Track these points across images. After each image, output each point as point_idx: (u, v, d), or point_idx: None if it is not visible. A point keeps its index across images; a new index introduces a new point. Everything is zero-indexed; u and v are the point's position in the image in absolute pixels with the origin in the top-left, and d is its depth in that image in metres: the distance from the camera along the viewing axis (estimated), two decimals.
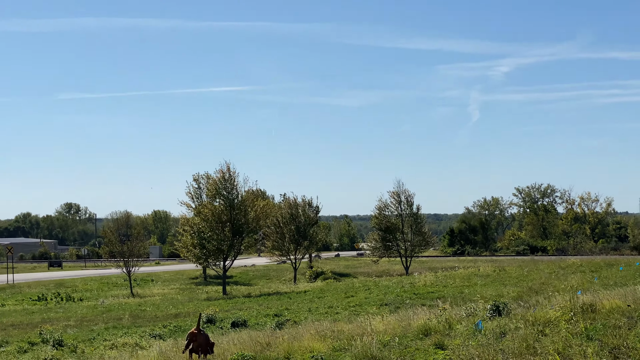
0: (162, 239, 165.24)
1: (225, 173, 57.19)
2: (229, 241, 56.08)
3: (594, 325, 13.41)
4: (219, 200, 57.07)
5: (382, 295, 38.63)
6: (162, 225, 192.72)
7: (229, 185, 56.85)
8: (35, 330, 30.42)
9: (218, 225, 55.74)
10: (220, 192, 56.77)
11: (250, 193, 59.79)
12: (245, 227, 56.87)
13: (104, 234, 73.28)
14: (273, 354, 14.16)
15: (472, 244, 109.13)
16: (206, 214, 56.05)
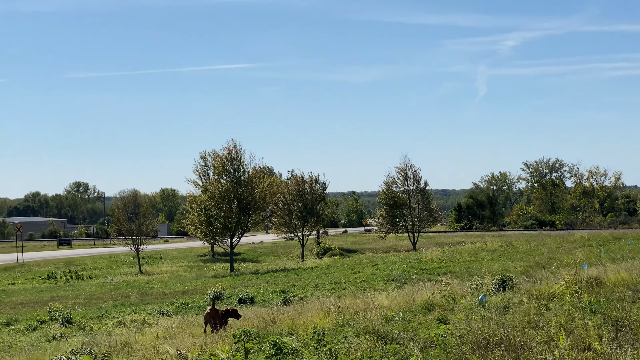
0: (171, 217, 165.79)
1: (232, 150, 57.21)
2: (236, 218, 56.24)
3: (598, 299, 13.39)
4: (226, 178, 57.15)
5: (388, 271, 38.69)
6: (170, 203, 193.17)
7: (235, 163, 56.90)
8: (44, 308, 30.61)
9: (225, 203, 55.86)
10: (226, 169, 56.84)
11: (257, 170, 59.78)
12: (252, 204, 56.98)
13: (112, 213, 73.57)
14: (277, 330, 14.21)
15: (479, 219, 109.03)
16: (213, 191, 56.15)
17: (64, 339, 21.99)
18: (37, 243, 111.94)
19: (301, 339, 12.08)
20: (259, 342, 11.69)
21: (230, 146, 57.37)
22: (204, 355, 10.80)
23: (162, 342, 15.04)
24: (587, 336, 9.47)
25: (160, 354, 12.11)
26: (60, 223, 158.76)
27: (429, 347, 10.38)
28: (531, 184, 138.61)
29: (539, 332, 10.27)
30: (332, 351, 10.43)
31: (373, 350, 10.41)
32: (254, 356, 10.57)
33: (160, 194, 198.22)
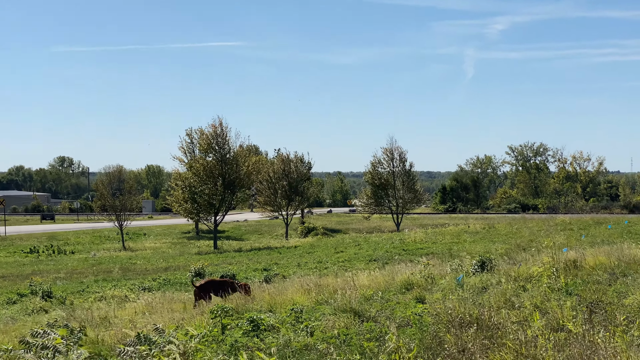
0: (156, 194, 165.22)
1: (217, 128, 57.08)
2: (220, 196, 56.23)
3: (575, 281, 13.49)
4: (211, 155, 57.08)
5: (371, 251, 38.83)
6: (155, 179, 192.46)
7: (221, 140, 56.79)
8: (25, 282, 30.52)
9: (210, 180, 55.84)
10: (212, 146, 56.74)
11: (243, 148, 59.70)
12: (237, 182, 56.98)
13: (96, 188, 73.26)
14: (256, 307, 14.23)
15: (463, 201, 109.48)
16: (198, 168, 56.08)
17: (44, 312, 21.95)
18: (20, 217, 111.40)
19: (279, 316, 12.11)
20: (236, 319, 11.70)
21: (216, 124, 57.28)
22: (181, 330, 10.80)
23: (141, 317, 15.04)
24: (562, 317, 9.55)
25: (137, 328, 12.12)
26: (43, 197, 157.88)
27: (405, 326, 10.43)
28: (515, 167, 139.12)
29: (515, 312, 10.35)
30: (309, 328, 10.46)
31: (349, 328, 10.45)
32: (231, 332, 10.58)
33: (145, 170, 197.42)
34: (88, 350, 10.10)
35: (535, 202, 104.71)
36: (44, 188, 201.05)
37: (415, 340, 8.82)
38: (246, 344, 9.51)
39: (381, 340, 8.97)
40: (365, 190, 77.36)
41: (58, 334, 10.97)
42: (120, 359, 9.09)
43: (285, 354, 8.65)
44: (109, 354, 9.85)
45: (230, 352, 9.12)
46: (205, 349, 8.76)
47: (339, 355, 8.65)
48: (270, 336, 10.10)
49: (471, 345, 8.04)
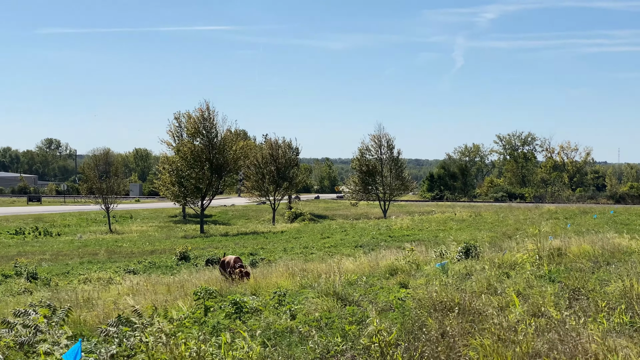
0: (143, 177, 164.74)
1: (205, 112, 56.86)
2: (207, 180, 56.09)
3: (558, 269, 13.55)
4: (199, 139, 56.91)
5: (357, 237, 38.90)
6: (143, 163, 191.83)
7: (208, 124, 56.59)
8: (10, 263, 30.39)
9: (197, 164, 55.70)
10: (199, 130, 56.53)
11: (231, 133, 59.50)
12: (225, 167, 56.87)
13: (83, 171, 73.00)
14: (240, 290, 14.23)
15: (451, 189, 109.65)
16: (185, 152, 55.91)
17: (29, 293, 21.85)
18: (7, 198, 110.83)
19: (262, 299, 12.11)
20: (220, 301, 11.70)
21: (203, 108, 57.04)
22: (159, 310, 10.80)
23: (124, 299, 15.01)
24: (543, 303, 9.60)
25: (120, 309, 12.10)
26: (30, 179, 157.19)
27: (388, 310, 10.46)
28: (503, 156, 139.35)
29: (497, 298, 10.39)
30: (291, 311, 10.48)
31: (332, 311, 10.47)
32: (214, 314, 10.58)
33: (133, 153, 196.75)
34: (70, 329, 10.08)
35: (522, 191, 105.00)
36: (31, 170, 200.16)
37: (397, 324, 8.84)
38: (228, 326, 9.52)
39: (363, 324, 9.00)
40: (353, 177, 77.36)
41: (40, 313, 10.94)
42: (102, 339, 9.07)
43: (267, 336, 8.65)
44: (91, 334, 9.82)
45: (212, 333, 9.13)
46: (187, 330, 8.75)
47: (321, 338, 8.67)
48: (252, 319, 10.11)
49: (452, 329, 8.07)
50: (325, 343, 8.44)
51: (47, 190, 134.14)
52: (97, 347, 8.12)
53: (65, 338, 8.81)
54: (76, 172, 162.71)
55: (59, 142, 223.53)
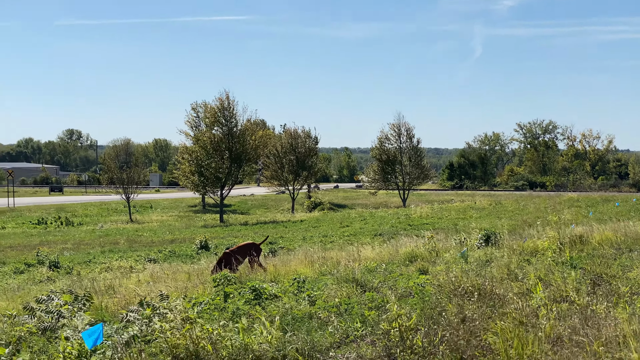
0: (163, 167, 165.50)
1: (224, 101, 56.89)
2: (227, 169, 56.18)
3: (580, 255, 13.45)
4: (218, 129, 56.98)
5: (376, 226, 38.82)
6: (162, 153, 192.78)
7: (227, 114, 56.63)
8: (32, 252, 30.64)
9: (216, 154, 55.78)
10: (218, 120, 56.60)
11: (250, 122, 59.54)
12: (244, 156, 56.90)
13: (103, 161, 73.45)
14: (259, 277, 14.26)
15: (471, 178, 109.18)
16: (204, 141, 56.01)
17: (51, 282, 22.03)
18: (29, 189, 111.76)
19: (282, 286, 12.13)
20: (239, 288, 11.72)
21: (223, 97, 57.09)
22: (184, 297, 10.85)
23: (145, 286, 15.10)
24: (565, 289, 9.53)
25: (141, 295, 12.17)
26: (52, 170, 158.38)
27: (407, 296, 10.44)
28: (524, 145, 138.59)
29: (517, 284, 10.33)
30: (310, 297, 10.48)
31: (351, 297, 10.47)
32: (233, 300, 10.60)
33: (153, 144, 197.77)
34: (91, 316, 10.15)
35: (543, 180, 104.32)
36: (53, 160, 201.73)
37: (417, 309, 8.82)
38: (248, 312, 9.54)
39: (382, 310, 8.98)
40: (372, 165, 77.18)
41: (62, 299, 11.02)
42: (123, 324, 9.12)
43: (286, 322, 8.66)
44: (113, 320, 9.87)
45: (231, 319, 9.15)
46: (208, 316, 8.78)
47: (340, 323, 8.67)
48: (272, 305, 10.12)
49: (472, 314, 8.03)
50: (345, 328, 8.44)
51: (69, 180, 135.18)
52: (118, 331, 8.16)
53: (86, 323, 8.86)
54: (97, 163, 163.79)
55: (80, 133, 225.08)
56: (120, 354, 6.68)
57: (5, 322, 10.67)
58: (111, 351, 7.05)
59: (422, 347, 7.25)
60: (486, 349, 7.11)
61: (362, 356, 7.40)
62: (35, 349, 8.08)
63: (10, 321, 10.72)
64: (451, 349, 7.08)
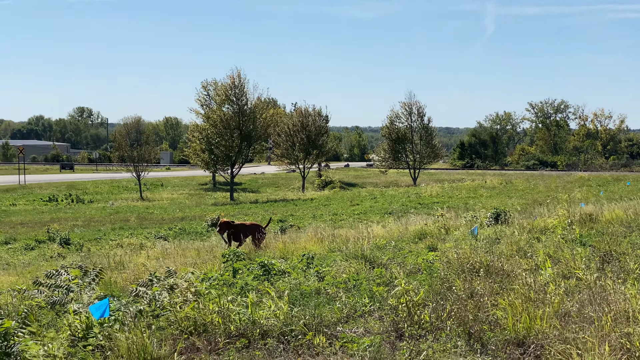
0: (174, 146, 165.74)
1: (236, 79, 56.76)
2: (237, 147, 56.15)
3: (589, 233, 13.40)
4: (228, 107, 56.89)
5: (387, 205, 38.80)
6: (173, 132, 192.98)
7: (238, 92, 56.52)
8: (43, 229, 30.76)
9: (226, 132, 55.73)
10: (229, 97, 56.50)
11: (261, 101, 59.39)
12: (254, 134, 56.85)
13: (114, 139, 73.56)
14: (269, 254, 14.27)
15: (482, 157, 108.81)
16: (215, 119, 55.96)
17: (61, 258, 22.13)
18: (40, 166, 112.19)
19: (291, 262, 12.14)
20: (248, 264, 11.73)
21: (235, 75, 56.95)
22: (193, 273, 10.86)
23: (154, 262, 15.15)
24: (574, 265, 9.50)
25: (149, 271, 12.20)
26: (63, 147, 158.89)
27: (416, 272, 10.43)
28: (535, 124, 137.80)
29: (526, 260, 10.31)
30: (319, 273, 10.48)
31: (359, 274, 10.47)
32: (242, 276, 10.62)
33: (163, 122, 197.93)
34: (101, 290, 10.18)
35: (554, 159, 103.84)
36: (64, 138, 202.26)
37: (425, 285, 8.81)
38: (256, 287, 9.55)
39: (391, 286, 8.97)
40: (383, 144, 77.05)
41: (71, 274, 11.06)
42: (132, 299, 9.14)
43: (294, 297, 8.66)
44: (121, 294, 9.90)
45: (240, 294, 9.17)
46: (217, 291, 8.79)
47: (348, 299, 8.67)
48: (280, 280, 10.13)
49: (480, 289, 8.02)
50: (353, 303, 8.44)
51: (80, 158, 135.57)
52: (126, 306, 8.18)
53: (95, 298, 8.89)
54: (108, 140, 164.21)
55: (90, 111, 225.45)
56: (129, 327, 6.70)
57: (15, 296, 10.73)
58: (118, 324, 7.07)
59: (430, 322, 7.25)
60: (494, 323, 7.10)
61: (370, 331, 7.41)
62: (44, 322, 8.11)
63: (20, 295, 10.78)
64: (459, 323, 7.08)
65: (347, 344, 6.84)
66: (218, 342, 7.13)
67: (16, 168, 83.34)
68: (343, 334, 7.18)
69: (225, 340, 7.18)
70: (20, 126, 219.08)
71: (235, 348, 6.85)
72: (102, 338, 6.86)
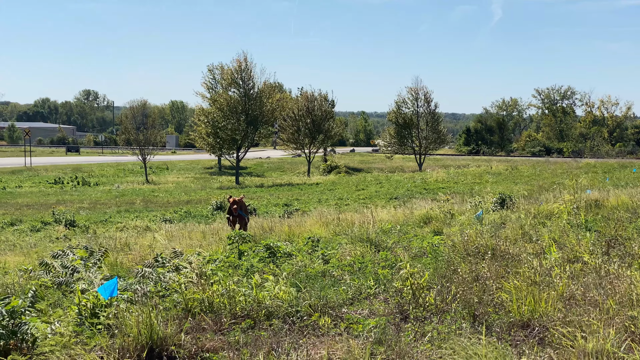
0: (179, 129, 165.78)
1: (242, 63, 56.67)
2: (243, 132, 56.13)
3: (595, 218, 13.39)
4: (234, 90, 56.81)
5: (392, 190, 38.82)
6: (179, 115, 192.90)
7: (245, 76, 56.44)
8: (49, 211, 30.85)
9: (233, 115, 55.70)
10: (236, 81, 56.41)
11: (268, 85, 59.29)
12: (260, 118, 56.79)
13: (120, 122, 73.62)
14: (274, 237, 14.30)
15: (487, 143, 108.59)
16: (221, 103, 55.90)
17: (67, 239, 22.20)
18: (46, 148, 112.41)
19: (296, 245, 12.17)
20: (253, 246, 11.77)
21: (241, 59, 56.85)
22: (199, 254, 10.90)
23: (160, 243, 15.20)
24: (579, 250, 9.50)
25: (155, 252, 12.24)
26: (69, 130, 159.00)
27: (421, 256, 10.45)
28: (541, 110, 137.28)
29: (531, 245, 10.32)
30: (324, 256, 10.51)
31: (365, 257, 10.49)
32: (248, 258, 10.65)
33: (169, 105, 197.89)
34: (107, 271, 10.23)
35: (560, 146, 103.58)
36: (70, 121, 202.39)
37: (430, 268, 8.83)
38: (262, 269, 9.58)
39: (396, 269, 8.99)
40: (389, 129, 77.00)
41: (77, 255, 11.11)
42: (138, 279, 9.18)
43: (300, 279, 8.69)
44: (127, 275, 9.95)
45: (245, 276, 9.20)
46: (222, 272, 8.82)
47: (353, 281, 8.70)
48: (286, 263, 10.16)
49: (485, 273, 8.04)
50: (358, 286, 8.47)
51: (85, 141, 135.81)
52: (132, 286, 8.22)
53: (101, 278, 8.94)
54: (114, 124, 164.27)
55: (96, 94, 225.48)
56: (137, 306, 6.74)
57: (21, 276, 10.79)
58: (125, 304, 7.11)
59: (435, 305, 7.27)
60: (499, 306, 7.12)
61: (375, 312, 7.44)
62: (50, 301, 8.16)
63: (26, 275, 10.84)
64: (463, 306, 7.10)
65: (353, 325, 6.88)
66: (223, 323, 7.16)
67: (22, 150, 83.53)
68: (348, 316, 7.22)
69: (231, 320, 7.21)
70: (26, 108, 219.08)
71: (241, 328, 6.88)
72: (109, 317, 6.90)
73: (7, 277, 10.84)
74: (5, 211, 33.21)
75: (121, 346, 6.27)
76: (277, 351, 6.13)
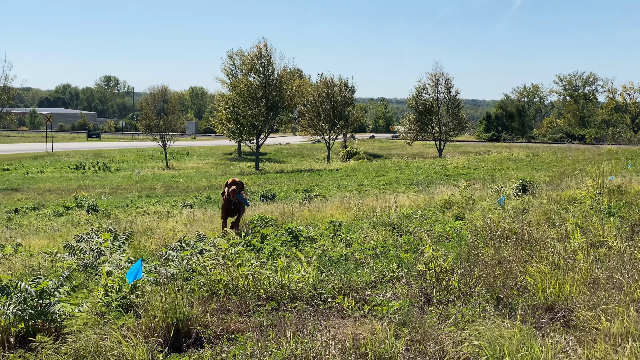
0: (199, 115, 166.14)
1: (262, 49, 56.64)
2: (263, 117, 56.18)
3: (618, 204, 13.33)
4: (254, 76, 56.84)
5: (412, 176, 38.74)
6: (199, 101, 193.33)
7: (265, 62, 56.42)
8: (71, 196, 31.11)
9: (253, 101, 55.75)
10: (256, 67, 56.42)
11: (287, 71, 59.24)
12: (280, 104, 56.80)
13: (141, 108, 73.93)
14: (296, 222, 14.35)
15: (508, 130, 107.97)
16: (241, 88, 55.96)
17: (89, 224, 22.38)
18: (67, 134, 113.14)
19: (318, 230, 12.21)
20: (276, 230, 11.84)
21: (261, 44, 56.82)
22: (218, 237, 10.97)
23: (182, 227, 15.31)
24: (603, 235, 9.48)
25: (177, 236, 12.34)
26: (90, 116, 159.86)
27: (443, 240, 10.47)
28: (563, 97, 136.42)
29: (555, 230, 10.30)
30: (346, 240, 10.56)
31: (387, 241, 10.52)
32: (270, 242, 10.71)
33: (189, 92, 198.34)
34: (131, 253, 10.33)
35: (582, 132, 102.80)
36: (90, 107, 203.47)
37: (453, 252, 8.84)
38: (285, 252, 9.64)
39: (418, 252, 9.02)
40: (409, 116, 76.70)
41: (102, 238, 11.23)
42: (162, 262, 9.27)
43: (322, 262, 8.74)
44: (152, 258, 10.04)
45: (269, 259, 9.27)
46: (246, 255, 8.89)
47: (376, 264, 8.73)
48: (308, 246, 10.21)
49: (509, 256, 8.04)
50: (381, 269, 8.50)
51: (106, 126, 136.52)
52: (157, 268, 8.30)
53: (125, 261, 9.03)
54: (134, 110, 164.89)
55: (117, 80, 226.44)
56: (162, 288, 6.81)
57: (47, 258, 10.93)
58: (151, 286, 7.19)
59: (458, 288, 7.29)
60: (522, 289, 7.13)
61: (398, 295, 7.47)
62: (76, 283, 8.27)
63: (52, 258, 10.98)
64: (487, 289, 7.12)
65: (377, 307, 6.91)
66: (248, 305, 7.24)
67: (44, 136, 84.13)
68: (372, 298, 7.25)
69: (255, 302, 7.28)
70: (48, 94, 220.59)
71: (265, 310, 6.95)
72: (135, 297, 6.99)
73: (33, 259, 11.00)
74: (28, 196, 33.55)
75: (147, 326, 6.36)
76: (301, 332, 6.18)
